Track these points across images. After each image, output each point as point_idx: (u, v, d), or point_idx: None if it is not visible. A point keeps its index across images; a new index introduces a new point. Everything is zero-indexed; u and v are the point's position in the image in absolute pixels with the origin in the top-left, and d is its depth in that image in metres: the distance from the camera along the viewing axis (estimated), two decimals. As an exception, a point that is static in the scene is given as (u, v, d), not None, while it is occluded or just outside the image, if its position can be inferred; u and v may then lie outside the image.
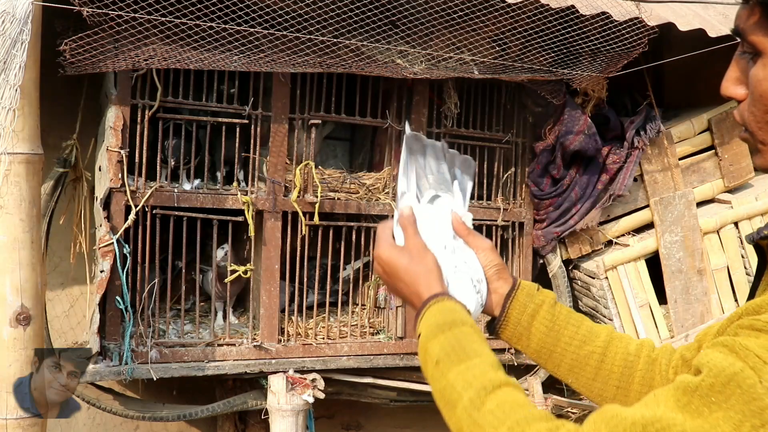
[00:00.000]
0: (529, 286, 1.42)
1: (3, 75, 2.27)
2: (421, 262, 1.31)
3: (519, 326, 1.40)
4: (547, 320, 1.39)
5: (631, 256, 3.83)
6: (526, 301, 1.40)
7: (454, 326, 1.18)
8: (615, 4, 3.01)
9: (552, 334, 1.38)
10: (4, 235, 2.33)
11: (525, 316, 1.39)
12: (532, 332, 1.39)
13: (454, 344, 1.15)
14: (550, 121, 3.72)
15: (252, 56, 2.83)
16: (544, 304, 1.40)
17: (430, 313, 1.23)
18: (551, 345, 1.39)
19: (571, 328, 1.39)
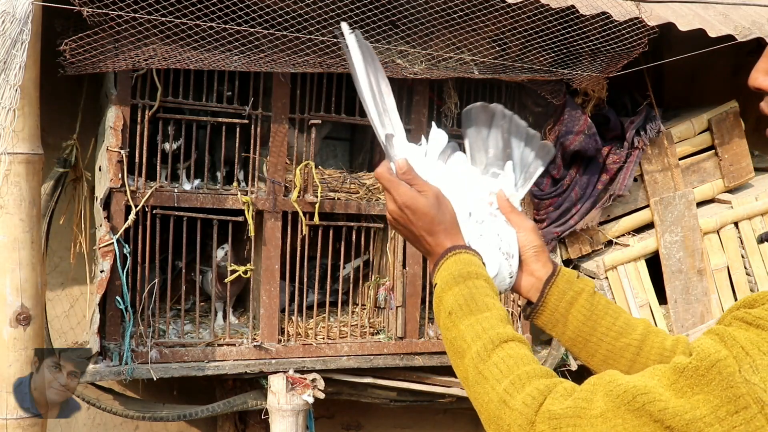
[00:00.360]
0: (569, 273, 1.41)
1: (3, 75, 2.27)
2: (445, 210, 1.33)
3: (556, 312, 1.39)
4: (585, 309, 1.37)
5: (631, 256, 3.83)
6: (565, 287, 1.39)
7: (469, 278, 1.22)
8: (615, 4, 3.01)
9: (589, 323, 1.37)
10: (4, 235, 2.33)
11: (563, 302, 1.38)
12: (569, 320, 1.38)
13: (467, 296, 1.19)
14: (550, 121, 3.72)
15: (252, 56, 2.83)
16: (584, 292, 1.39)
17: (448, 264, 1.26)
18: (587, 334, 1.37)
19: (609, 319, 1.37)
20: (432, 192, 1.33)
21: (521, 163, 1.50)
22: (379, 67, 1.46)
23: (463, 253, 1.28)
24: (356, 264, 3.55)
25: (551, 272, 1.41)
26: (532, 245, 1.42)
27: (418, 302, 3.50)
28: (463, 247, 1.30)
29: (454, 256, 1.27)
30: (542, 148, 1.50)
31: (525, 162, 1.50)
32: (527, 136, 1.51)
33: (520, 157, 1.51)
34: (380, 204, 3.42)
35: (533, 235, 1.43)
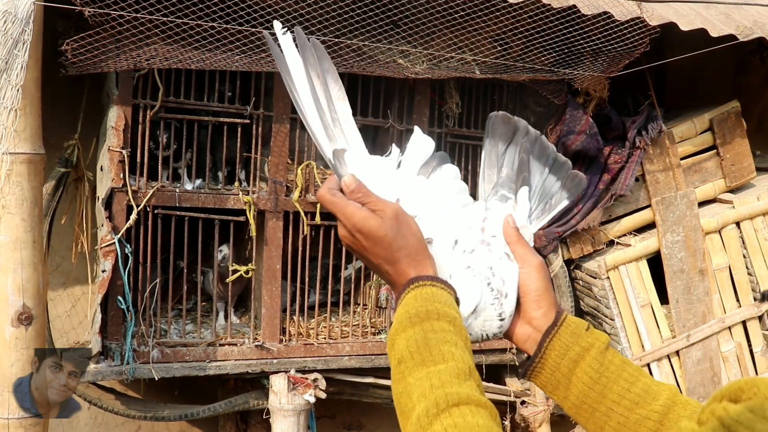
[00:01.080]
0: (576, 324, 1.16)
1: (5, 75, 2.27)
2: (407, 232, 1.11)
3: (557, 372, 1.14)
4: (592, 370, 1.12)
5: (633, 256, 3.83)
6: (569, 341, 1.14)
7: (428, 320, 1.01)
8: (616, 4, 3.01)
9: (597, 387, 1.11)
10: (5, 234, 2.34)
11: (566, 360, 1.13)
12: (573, 382, 1.13)
13: (420, 342, 0.99)
14: (551, 121, 3.72)
15: (253, 56, 2.83)
16: (592, 348, 1.13)
17: (407, 300, 1.06)
18: (594, 401, 1.11)
19: (623, 384, 1.10)
20: (389, 211, 1.11)
21: (541, 192, 1.29)
22: (330, 68, 1.28)
23: (427, 285, 1.07)
24: (358, 265, 3.55)
25: (553, 321, 1.16)
26: (534, 286, 1.18)
27: (419, 302, 3.49)
28: (429, 278, 1.08)
29: (415, 290, 1.06)
30: (572, 180, 1.28)
31: (546, 192, 1.29)
32: (555, 162, 1.29)
33: (541, 185, 1.30)
34: (382, 204, 3.41)
35: (537, 274, 1.19)
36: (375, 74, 3.10)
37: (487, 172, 1.32)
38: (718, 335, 3.98)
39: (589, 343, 1.13)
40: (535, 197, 1.29)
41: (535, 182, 1.30)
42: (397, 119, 3.43)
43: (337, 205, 1.13)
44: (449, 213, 1.21)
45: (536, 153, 1.30)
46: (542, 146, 1.30)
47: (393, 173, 1.23)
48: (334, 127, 1.25)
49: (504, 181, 1.29)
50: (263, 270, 3.22)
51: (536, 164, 1.30)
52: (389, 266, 1.11)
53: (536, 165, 1.30)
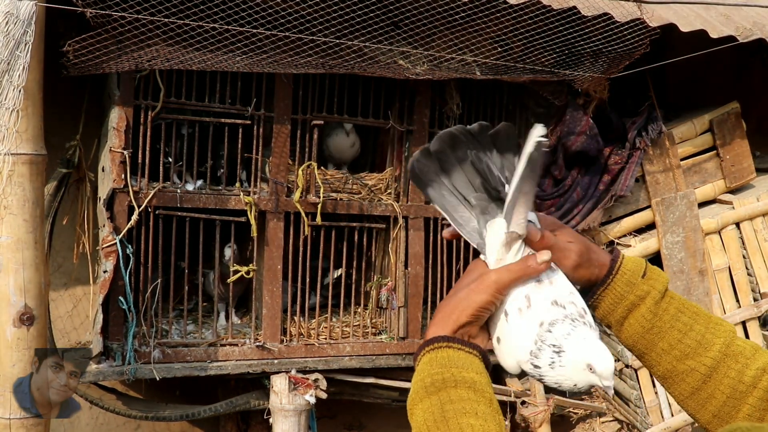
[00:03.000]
0: (633, 270, 1.11)
1: (7, 76, 2.28)
2: (468, 294, 1.05)
3: (610, 316, 1.12)
4: (645, 319, 1.10)
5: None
6: (624, 291, 1.10)
7: (444, 388, 0.97)
8: (616, 5, 3.01)
9: (648, 336, 1.10)
10: (7, 235, 2.34)
11: (620, 308, 1.11)
12: (625, 327, 1.12)
13: (437, 416, 0.94)
14: (551, 121, 3.73)
15: (255, 57, 2.84)
16: (648, 296, 1.10)
17: (422, 366, 1.01)
18: (644, 347, 1.11)
19: (675, 334, 1.09)
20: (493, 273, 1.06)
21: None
22: None
23: (443, 348, 1.01)
24: (336, 274, 3.52)
25: (607, 270, 1.12)
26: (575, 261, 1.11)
27: (420, 302, 3.50)
28: (444, 338, 1.02)
29: (429, 353, 1.01)
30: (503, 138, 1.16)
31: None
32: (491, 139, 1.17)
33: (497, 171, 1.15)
34: (382, 204, 3.42)
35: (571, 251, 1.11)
36: (376, 75, 3.10)
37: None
38: (718, 336, 3.98)
39: (644, 292, 1.10)
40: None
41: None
42: (397, 120, 3.44)
43: None
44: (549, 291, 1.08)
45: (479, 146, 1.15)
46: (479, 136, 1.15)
47: None
48: None
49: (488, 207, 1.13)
50: (264, 270, 3.23)
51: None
52: (439, 310, 1.08)
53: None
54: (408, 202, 3.47)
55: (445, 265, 3.53)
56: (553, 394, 3.81)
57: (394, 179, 3.47)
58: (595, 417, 4.06)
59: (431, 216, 3.53)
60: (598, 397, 4.02)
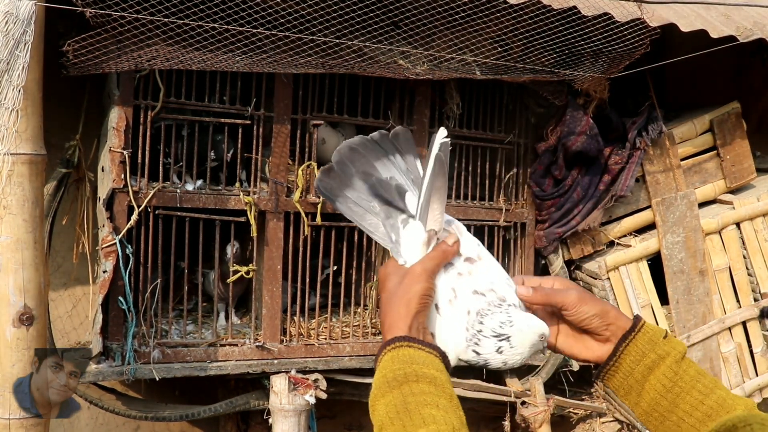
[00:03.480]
0: (654, 331, 1.14)
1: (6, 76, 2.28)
2: (406, 289, 1.09)
3: (630, 377, 1.13)
4: (666, 378, 1.10)
5: (633, 256, 3.83)
6: (646, 348, 1.12)
7: (405, 382, 0.99)
8: (617, 5, 3.01)
9: (669, 396, 1.10)
10: (7, 235, 2.34)
11: (641, 366, 1.12)
12: (646, 389, 1.11)
13: (399, 407, 0.97)
14: (552, 121, 3.73)
15: (254, 57, 2.84)
16: (668, 357, 1.12)
17: (383, 364, 1.04)
18: (665, 410, 1.10)
19: (696, 395, 1.09)
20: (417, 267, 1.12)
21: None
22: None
23: (403, 347, 1.04)
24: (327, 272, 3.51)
25: (630, 327, 1.14)
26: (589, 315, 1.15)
27: (420, 303, 3.49)
28: (405, 338, 1.05)
29: (391, 351, 1.04)
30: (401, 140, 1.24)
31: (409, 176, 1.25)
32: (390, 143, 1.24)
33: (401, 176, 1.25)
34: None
35: (584, 305, 1.15)
36: (375, 75, 3.10)
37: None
38: (719, 336, 3.99)
39: (665, 352, 1.12)
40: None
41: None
42: (397, 120, 3.43)
43: None
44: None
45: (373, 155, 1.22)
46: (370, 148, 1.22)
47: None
48: None
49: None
50: (264, 270, 3.22)
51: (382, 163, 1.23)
52: (384, 317, 1.11)
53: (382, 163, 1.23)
54: (408, 202, 3.46)
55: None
56: (554, 395, 3.81)
57: (394, 179, 3.46)
58: (596, 417, 4.06)
59: (431, 216, 3.52)
60: (599, 397, 4.02)
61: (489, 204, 3.71)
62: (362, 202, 1.21)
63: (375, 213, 1.20)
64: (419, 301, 1.08)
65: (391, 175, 1.22)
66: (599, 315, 1.15)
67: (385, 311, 1.11)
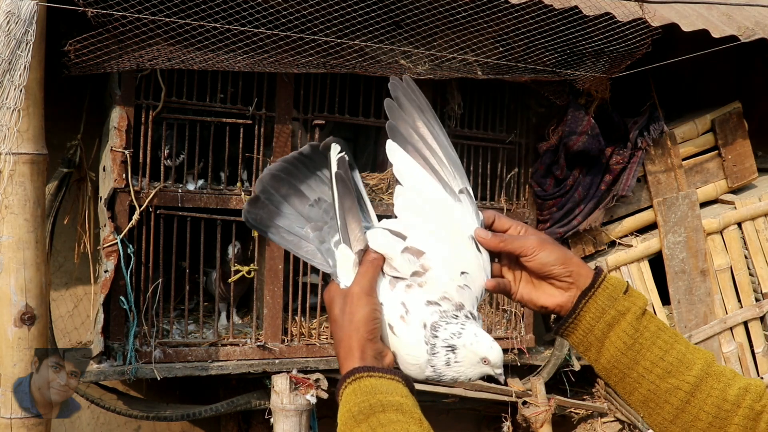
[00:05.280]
0: (614, 286, 1.11)
1: (8, 75, 2.28)
2: (351, 315, 1.06)
3: (590, 335, 1.11)
4: (626, 335, 1.08)
5: (635, 256, 3.83)
6: (605, 304, 1.10)
7: (372, 414, 0.96)
8: (618, 5, 3.01)
9: (629, 353, 1.08)
10: (9, 235, 2.34)
11: (601, 323, 1.09)
12: (606, 345, 1.10)
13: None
14: (553, 121, 3.73)
15: (256, 57, 2.84)
16: (629, 312, 1.09)
17: (345, 398, 1.00)
18: (625, 367, 1.09)
19: (656, 351, 1.07)
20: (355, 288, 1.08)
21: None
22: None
23: (364, 377, 1.00)
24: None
25: (590, 282, 1.11)
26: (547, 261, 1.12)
27: (421, 302, 3.49)
28: (365, 369, 1.01)
29: (352, 384, 1.00)
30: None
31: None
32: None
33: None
34: (383, 204, 3.42)
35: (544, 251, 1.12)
36: (377, 75, 3.10)
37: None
38: (720, 336, 3.98)
39: (625, 307, 1.09)
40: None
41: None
42: (399, 120, 3.43)
43: None
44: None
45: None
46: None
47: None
48: None
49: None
50: (265, 270, 3.23)
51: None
52: (336, 347, 1.07)
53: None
54: (409, 202, 3.46)
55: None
56: (554, 395, 3.81)
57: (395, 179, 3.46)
58: (597, 417, 4.05)
59: (432, 216, 3.52)
60: (600, 397, 4.02)
61: (490, 204, 3.71)
62: (295, 230, 1.16)
63: (309, 240, 1.16)
64: (366, 327, 1.04)
65: (318, 196, 1.17)
66: (561, 261, 1.11)
67: (336, 341, 1.07)
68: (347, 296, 1.07)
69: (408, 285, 1.09)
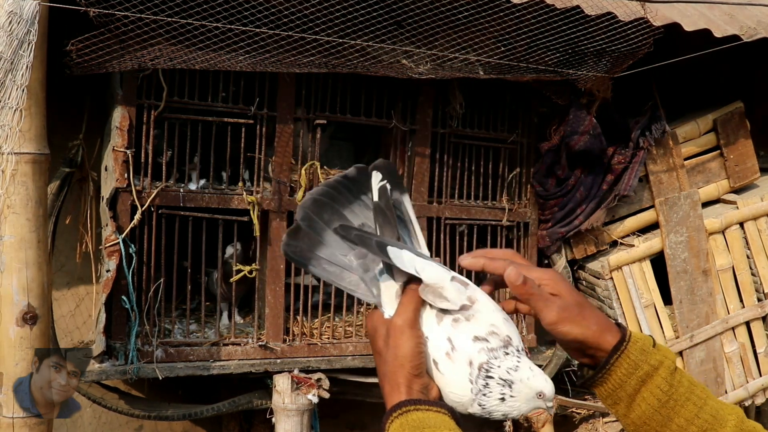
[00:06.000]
0: (643, 340, 1.07)
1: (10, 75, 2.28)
2: (395, 348, 1.04)
3: (621, 390, 1.06)
4: (660, 391, 1.04)
5: (636, 256, 3.83)
6: (638, 359, 1.05)
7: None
8: (620, 5, 3.01)
9: (663, 410, 1.04)
10: (11, 234, 2.34)
11: (633, 379, 1.05)
12: (637, 401, 1.06)
13: None
14: (555, 121, 3.72)
15: (258, 56, 2.84)
16: (662, 366, 1.06)
17: (394, 430, 0.99)
18: (658, 424, 1.05)
19: (691, 407, 1.04)
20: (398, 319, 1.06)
21: None
22: None
23: (411, 411, 0.99)
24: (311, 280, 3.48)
25: (620, 337, 1.06)
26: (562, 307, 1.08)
27: (422, 302, 3.49)
28: (413, 402, 0.99)
29: (399, 418, 0.98)
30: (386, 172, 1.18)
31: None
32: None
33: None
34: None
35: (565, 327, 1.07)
36: (379, 74, 3.10)
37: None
38: (722, 336, 3.98)
39: (658, 362, 1.06)
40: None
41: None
42: (400, 120, 3.43)
43: None
44: None
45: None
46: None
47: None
48: None
49: None
50: (267, 270, 3.23)
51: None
52: (382, 381, 1.05)
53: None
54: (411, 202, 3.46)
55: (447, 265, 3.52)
56: (557, 394, 3.81)
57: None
58: (599, 417, 4.05)
59: (434, 216, 3.53)
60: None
61: (492, 203, 3.71)
62: (337, 259, 1.12)
63: (353, 269, 1.12)
64: (411, 363, 1.03)
65: (362, 221, 1.14)
66: (578, 342, 1.07)
67: (381, 375, 1.06)
68: (390, 328, 1.05)
69: (455, 319, 1.06)
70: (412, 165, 3.46)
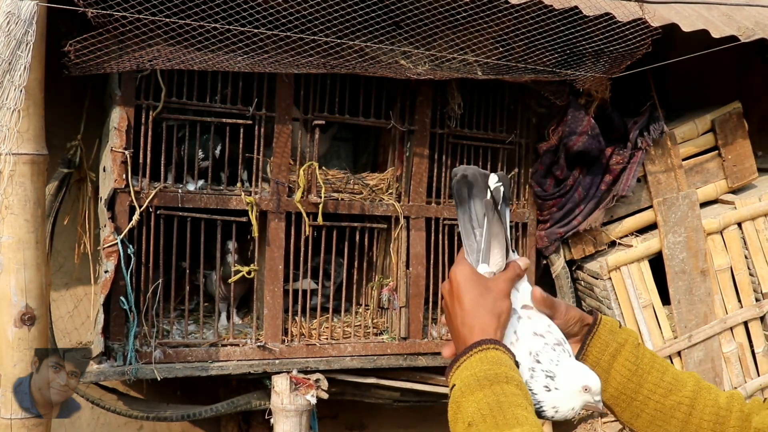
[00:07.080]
0: (611, 322, 1.26)
1: (8, 76, 2.28)
2: (494, 302, 1.15)
3: (597, 366, 1.23)
4: (629, 362, 1.23)
5: (635, 256, 3.83)
6: (608, 338, 1.24)
7: (497, 382, 1.02)
8: (618, 5, 3.01)
9: (635, 378, 1.22)
10: (9, 235, 2.34)
11: (606, 355, 1.23)
12: (612, 374, 1.23)
13: (492, 406, 0.99)
14: (553, 121, 3.73)
15: (256, 57, 2.84)
16: (627, 343, 1.24)
17: (471, 363, 1.07)
18: (632, 391, 1.22)
19: (656, 374, 1.23)
20: (499, 285, 1.18)
21: None
22: None
23: (490, 349, 1.08)
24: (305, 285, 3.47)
25: (592, 321, 1.26)
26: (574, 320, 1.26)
27: (421, 303, 3.50)
28: (492, 341, 1.09)
29: (480, 353, 1.08)
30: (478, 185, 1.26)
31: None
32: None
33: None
34: (383, 204, 3.42)
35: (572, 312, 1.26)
36: (377, 75, 3.10)
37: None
38: (720, 336, 3.98)
39: (624, 339, 1.25)
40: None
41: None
42: (399, 120, 3.43)
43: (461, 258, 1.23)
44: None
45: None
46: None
47: None
48: None
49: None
50: (265, 270, 3.23)
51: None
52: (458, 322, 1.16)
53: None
54: (409, 202, 3.47)
55: (447, 265, 3.53)
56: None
57: (396, 179, 3.47)
58: (597, 417, 4.05)
59: (432, 216, 3.53)
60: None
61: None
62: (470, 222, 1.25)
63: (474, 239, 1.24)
64: (502, 317, 1.15)
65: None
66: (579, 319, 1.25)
67: (471, 314, 1.14)
68: (492, 287, 1.17)
69: (518, 317, 1.20)
70: (411, 165, 3.46)
